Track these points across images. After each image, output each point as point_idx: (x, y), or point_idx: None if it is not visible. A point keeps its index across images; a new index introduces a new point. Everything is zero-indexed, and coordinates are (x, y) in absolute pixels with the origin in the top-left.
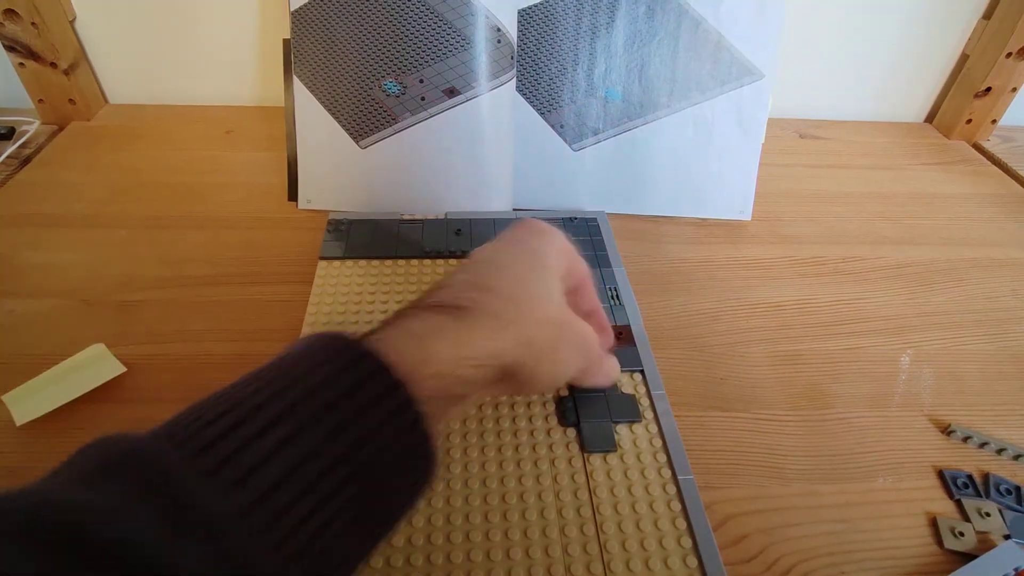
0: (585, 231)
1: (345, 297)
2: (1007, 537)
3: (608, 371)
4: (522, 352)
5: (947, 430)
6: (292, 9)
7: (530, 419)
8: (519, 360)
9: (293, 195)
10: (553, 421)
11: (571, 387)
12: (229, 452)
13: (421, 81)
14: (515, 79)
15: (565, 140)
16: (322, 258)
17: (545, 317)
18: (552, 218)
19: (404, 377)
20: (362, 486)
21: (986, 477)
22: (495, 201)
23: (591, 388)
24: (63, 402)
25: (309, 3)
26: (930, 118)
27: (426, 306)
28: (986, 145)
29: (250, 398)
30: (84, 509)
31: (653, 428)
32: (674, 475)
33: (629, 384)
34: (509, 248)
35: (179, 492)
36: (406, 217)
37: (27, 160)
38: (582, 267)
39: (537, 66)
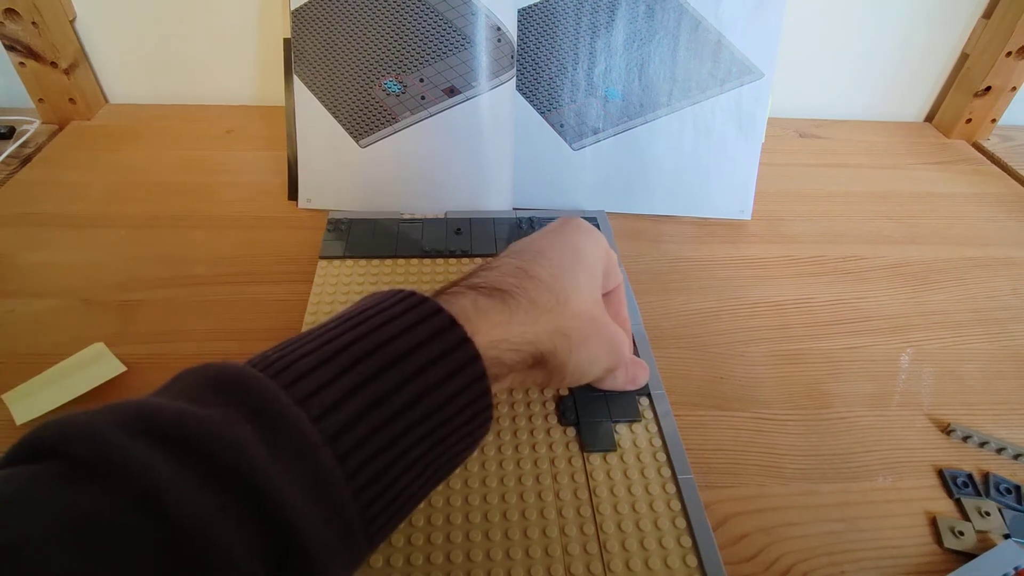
0: None
1: (345, 297)
2: (1007, 536)
3: (635, 376)
4: (556, 341)
5: (947, 429)
6: (292, 9)
7: (530, 419)
8: (553, 348)
9: (293, 194)
10: (553, 421)
11: (586, 387)
12: (315, 387)
13: (421, 80)
14: (515, 78)
15: (565, 139)
16: (322, 257)
17: (581, 310)
18: (552, 218)
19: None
20: (429, 429)
21: (986, 476)
22: (495, 200)
23: (615, 391)
24: (63, 402)
25: (309, 2)
26: (930, 117)
27: (474, 286)
28: (986, 144)
29: (335, 340)
30: (202, 418)
31: (653, 428)
32: (674, 475)
33: (630, 391)
34: (555, 241)
35: (277, 414)
36: (406, 216)
37: (27, 160)
38: (618, 273)
39: (537, 65)
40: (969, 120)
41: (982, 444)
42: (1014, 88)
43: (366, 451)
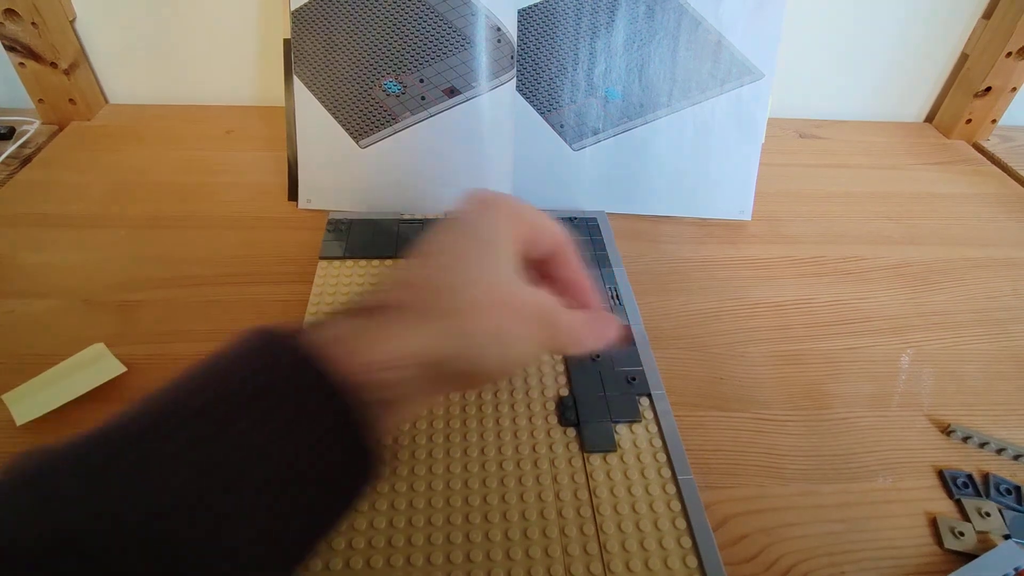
0: (585, 231)
1: (345, 297)
2: (1007, 537)
3: (595, 332)
4: (455, 344)
5: (947, 430)
6: (292, 9)
7: (530, 419)
8: (453, 353)
9: (293, 195)
10: (553, 421)
11: (571, 385)
12: (146, 453)
13: (421, 81)
14: (515, 79)
15: (565, 140)
16: (322, 258)
17: (483, 300)
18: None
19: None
20: (284, 487)
21: (986, 477)
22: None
23: (585, 354)
24: (63, 402)
25: (309, 3)
26: (930, 118)
27: (339, 312)
28: (986, 145)
29: (171, 398)
30: None
31: (653, 428)
32: (674, 475)
33: (630, 391)
34: (448, 231)
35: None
36: (406, 217)
37: (27, 160)
38: (551, 233)
39: (537, 66)
40: (969, 120)
41: (982, 445)
42: (1014, 88)
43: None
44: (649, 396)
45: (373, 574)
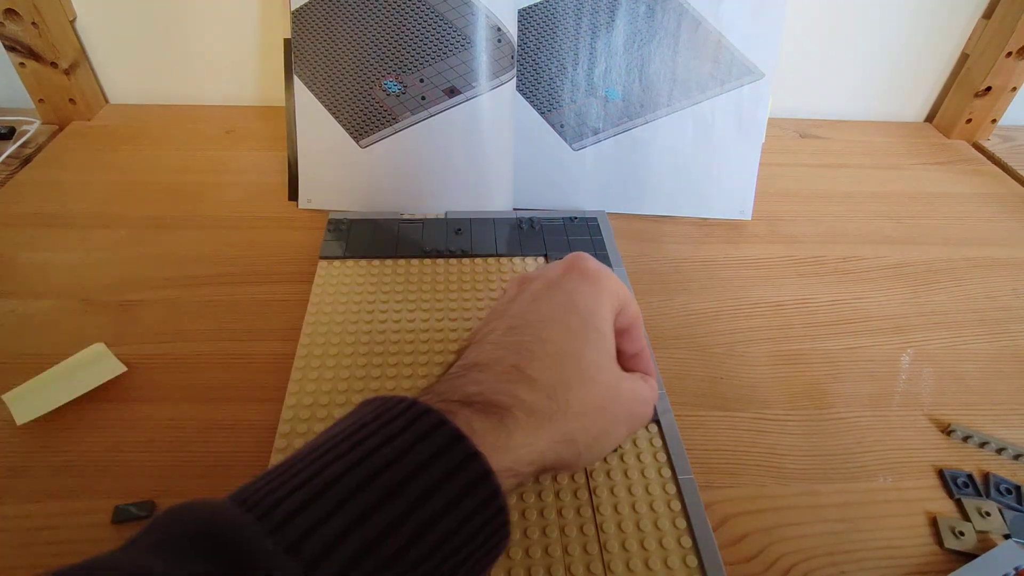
0: (585, 231)
1: (345, 297)
2: (1007, 537)
3: (653, 400)
4: (560, 449)
5: (947, 430)
6: (292, 9)
7: None
8: (557, 457)
9: (293, 195)
10: None
11: None
12: (305, 529)
13: (421, 80)
14: (515, 79)
15: (565, 140)
16: (322, 258)
17: (588, 406)
18: (552, 218)
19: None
20: (438, 563)
21: (986, 477)
22: (495, 201)
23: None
24: (63, 402)
25: (309, 3)
26: (930, 118)
27: (467, 400)
28: (986, 144)
29: (326, 470)
30: None
31: (653, 428)
32: (674, 475)
33: None
34: (553, 303)
35: (264, 566)
36: (406, 217)
37: (27, 160)
38: (633, 308)
39: (537, 66)
40: (969, 120)
41: (982, 444)
42: (1014, 88)
43: None
44: (656, 391)
45: None
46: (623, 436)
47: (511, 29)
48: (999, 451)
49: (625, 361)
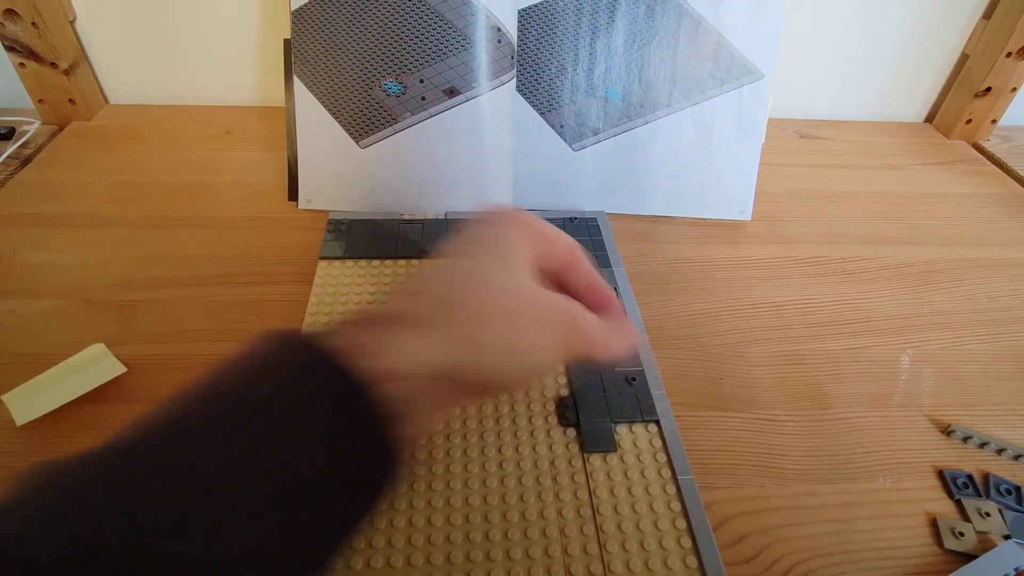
0: (585, 231)
1: (345, 297)
2: (1007, 537)
3: (619, 338)
4: (467, 352)
5: (947, 430)
6: (292, 9)
7: (530, 419)
8: (467, 362)
9: (293, 195)
10: (553, 421)
11: (571, 385)
12: (164, 459)
13: (421, 81)
14: (515, 79)
15: (565, 140)
16: (322, 258)
17: (496, 307)
18: (552, 218)
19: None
20: (308, 490)
21: (986, 477)
22: (495, 201)
23: (606, 362)
24: (63, 402)
25: (309, 3)
26: (930, 118)
27: (352, 320)
28: (986, 145)
29: (191, 403)
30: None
31: (653, 428)
32: (674, 475)
33: (629, 391)
34: (457, 244)
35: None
36: (406, 217)
37: (27, 160)
38: (563, 245)
39: (537, 66)
40: (969, 121)
41: (982, 445)
42: (1014, 89)
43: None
44: (649, 396)
45: (373, 574)
46: (551, 346)
47: (511, 29)
48: (999, 452)
49: (579, 299)
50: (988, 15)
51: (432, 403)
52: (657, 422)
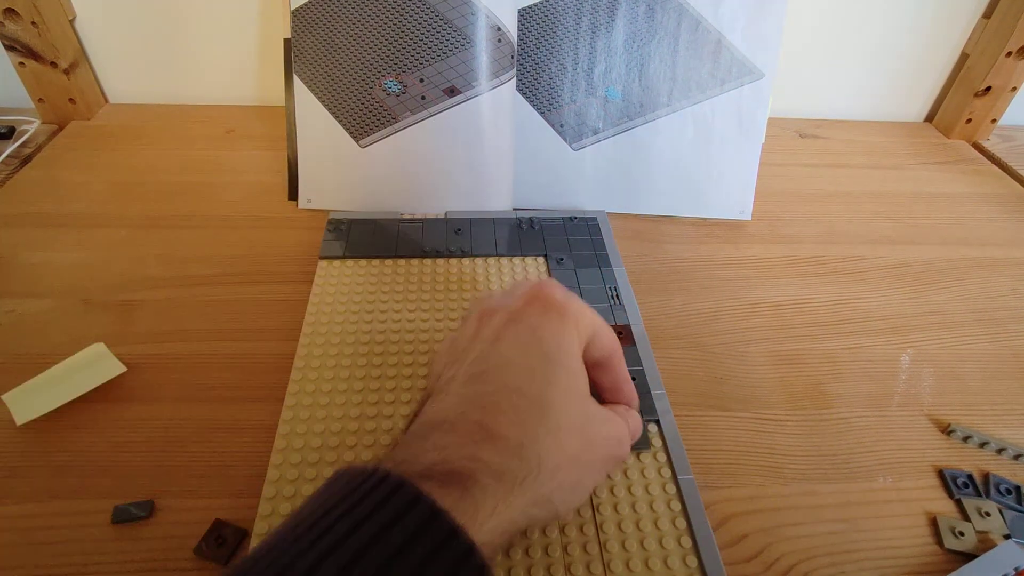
0: (585, 231)
1: (345, 296)
2: (1007, 537)
3: (634, 435)
4: (535, 512)
5: (947, 430)
6: (292, 8)
7: None
8: (533, 519)
9: (293, 194)
10: None
11: None
12: None
13: (421, 80)
14: (515, 78)
15: (565, 139)
16: (322, 257)
17: (563, 457)
18: (552, 217)
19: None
20: None
21: (986, 477)
22: (495, 200)
23: None
24: (63, 402)
25: (309, 2)
26: (930, 117)
27: (428, 472)
28: (986, 144)
29: (303, 556)
30: None
31: (653, 427)
32: (674, 475)
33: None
34: (517, 344)
35: None
36: (406, 216)
37: (27, 159)
38: (607, 338)
39: (537, 65)
40: (969, 120)
41: (982, 444)
42: (1014, 88)
43: None
44: (649, 396)
45: None
46: (599, 480)
47: (511, 29)
48: (999, 451)
49: (604, 395)
50: (988, 15)
51: (502, 547)
52: (657, 422)
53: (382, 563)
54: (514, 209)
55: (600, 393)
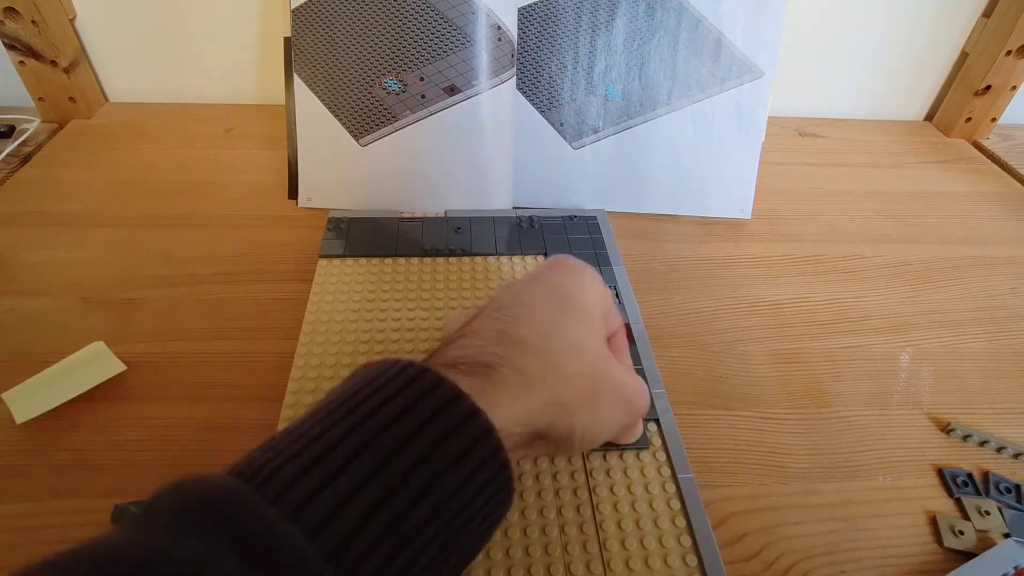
0: (585, 229)
1: (345, 295)
2: (1007, 535)
3: (639, 427)
4: (553, 413)
5: (947, 428)
6: (293, 7)
7: None
8: (551, 421)
9: (293, 193)
10: None
11: None
12: (307, 495)
13: (421, 79)
14: (515, 77)
15: (565, 138)
16: (322, 256)
17: (579, 370)
18: (552, 216)
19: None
20: (446, 519)
21: (986, 475)
22: (495, 199)
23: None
24: (63, 400)
25: (310, 1)
26: (930, 116)
27: (452, 362)
28: (986, 143)
29: (326, 435)
30: (178, 561)
31: (653, 427)
32: (674, 474)
33: None
34: (542, 289)
35: (267, 537)
36: (406, 215)
37: (27, 158)
38: (615, 317)
39: (537, 64)
40: (969, 119)
41: (982, 443)
42: (1014, 87)
43: (374, 562)
44: (649, 395)
45: None
46: (618, 421)
47: (511, 27)
48: (999, 450)
49: None
50: (988, 13)
51: (520, 449)
52: (656, 420)
53: (403, 439)
54: (514, 208)
55: None
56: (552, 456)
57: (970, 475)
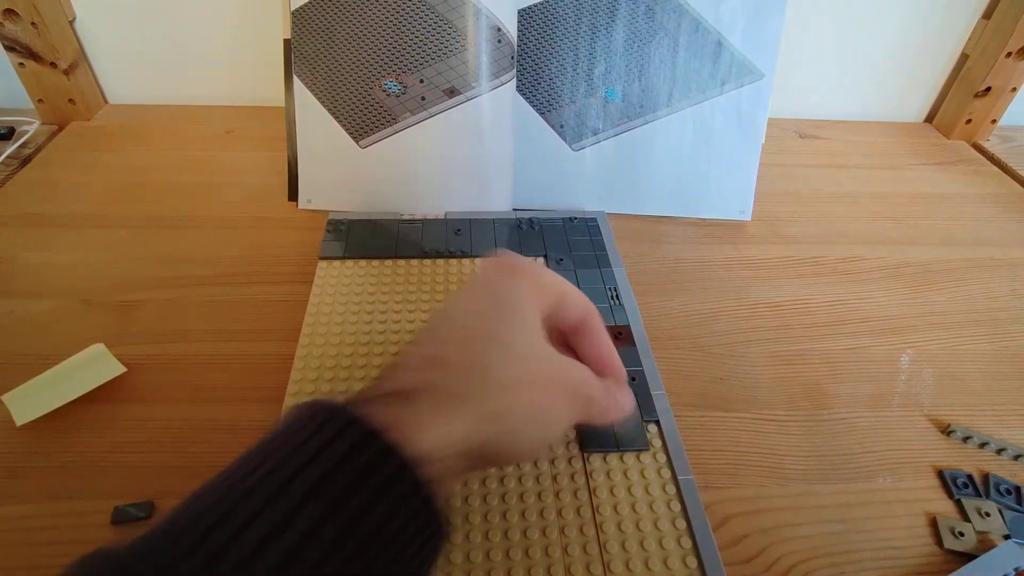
0: (585, 231)
1: (345, 297)
2: (1007, 537)
3: (619, 406)
4: (487, 429)
5: (947, 430)
6: (292, 9)
7: None
8: (486, 439)
9: (293, 195)
10: None
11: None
12: (221, 544)
13: (421, 81)
14: (515, 79)
15: (565, 140)
16: (322, 258)
17: (517, 375)
18: (552, 218)
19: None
20: (365, 565)
21: (986, 477)
22: (495, 201)
23: (603, 425)
24: (63, 402)
25: (310, 3)
26: (930, 118)
27: (372, 397)
28: (986, 145)
29: (241, 483)
30: None
31: (653, 428)
32: (674, 475)
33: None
34: (471, 298)
35: None
36: (406, 217)
37: (27, 160)
38: (577, 304)
39: (537, 66)
40: (969, 121)
41: (982, 445)
42: (1014, 89)
43: None
44: (649, 396)
45: None
46: (568, 416)
47: (511, 29)
48: (999, 451)
49: (587, 362)
50: (988, 15)
51: (456, 474)
52: (657, 422)
53: (314, 483)
54: (514, 209)
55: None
56: (503, 466)
57: (970, 477)
